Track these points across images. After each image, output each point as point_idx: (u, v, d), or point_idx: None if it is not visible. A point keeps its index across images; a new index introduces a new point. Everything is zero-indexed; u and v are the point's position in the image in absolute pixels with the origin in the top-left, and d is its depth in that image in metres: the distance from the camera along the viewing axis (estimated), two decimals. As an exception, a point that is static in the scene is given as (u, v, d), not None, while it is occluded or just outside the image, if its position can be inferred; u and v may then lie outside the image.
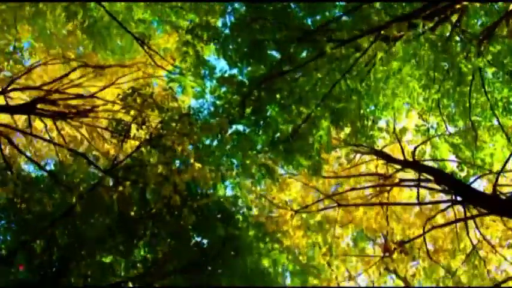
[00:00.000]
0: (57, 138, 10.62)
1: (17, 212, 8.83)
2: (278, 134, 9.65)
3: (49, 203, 8.65)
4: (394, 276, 9.72)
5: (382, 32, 7.37)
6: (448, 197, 8.29)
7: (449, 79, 9.95)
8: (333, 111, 9.52)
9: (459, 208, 9.27)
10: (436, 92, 10.39)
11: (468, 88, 9.17)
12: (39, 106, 9.35)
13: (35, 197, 8.89)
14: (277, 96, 9.76)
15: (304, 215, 7.92)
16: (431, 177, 7.92)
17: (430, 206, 9.25)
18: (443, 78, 10.04)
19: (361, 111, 10.30)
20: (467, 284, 10.21)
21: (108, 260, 8.46)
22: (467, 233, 8.25)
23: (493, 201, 6.83)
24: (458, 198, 7.90)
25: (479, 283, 10.67)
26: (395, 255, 7.84)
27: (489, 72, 10.27)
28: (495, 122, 10.18)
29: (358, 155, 12.07)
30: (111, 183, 8.88)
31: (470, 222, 9.90)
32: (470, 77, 9.45)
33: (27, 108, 8.70)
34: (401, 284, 13.16)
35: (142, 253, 8.82)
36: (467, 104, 9.39)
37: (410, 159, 9.41)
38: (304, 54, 8.97)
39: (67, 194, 8.84)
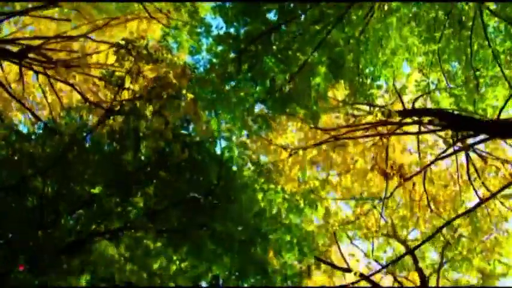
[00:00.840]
0: (49, 92, 10.46)
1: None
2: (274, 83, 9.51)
3: (41, 154, 8.50)
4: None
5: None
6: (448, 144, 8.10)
7: (449, 27, 9.77)
8: (331, 58, 9.33)
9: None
10: (436, 43, 10.19)
11: (469, 32, 8.96)
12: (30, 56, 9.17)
13: (24, 147, 8.72)
14: (274, 47, 9.61)
15: (300, 152, 7.74)
16: (433, 118, 7.70)
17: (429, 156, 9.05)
18: (443, 28, 9.87)
19: (360, 67, 10.15)
20: (468, 237, 10.06)
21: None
22: (469, 178, 8.05)
23: (495, 125, 6.67)
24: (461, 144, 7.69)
25: (481, 237, 10.52)
26: (394, 180, 7.66)
27: (491, 25, 10.12)
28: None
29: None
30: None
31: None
32: (470, 23, 9.27)
33: (18, 55, 8.51)
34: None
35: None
36: (468, 50, 9.19)
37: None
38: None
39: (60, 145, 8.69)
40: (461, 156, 8.55)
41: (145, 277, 6.15)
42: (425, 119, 7.66)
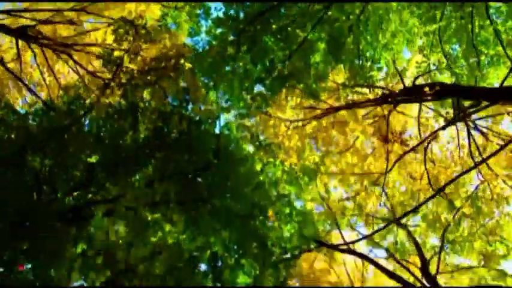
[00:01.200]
0: (48, 73, 10.40)
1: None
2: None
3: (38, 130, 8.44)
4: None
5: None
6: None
7: (450, 6, 9.68)
8: (330, 36, 9.26)
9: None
10: (436, 22, 10.11)
11: (470, 8, 8.86)
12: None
13: (22, 124, 8.66)
14: (273, 26, 9.55)
15: (300, 124, 7.66)
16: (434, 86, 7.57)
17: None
18: (444, 7, 9.78)
19: (360, 49, 10.07)
20: (470, 216, 9.97)
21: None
22: (471, 155, 7.96)
23: (497, 91, 6.57)
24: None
25: (484, 218, 10.43)
26: (396, 146, 7.56)
27: (492, 6, 10.01)
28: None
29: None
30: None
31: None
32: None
33: (16, 31, 8.43)
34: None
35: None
36: (470, 27, 9.09)
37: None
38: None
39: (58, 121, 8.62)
40: (463, 134, 8.45)
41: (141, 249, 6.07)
42: (426, 89, 7.53)
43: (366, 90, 9.95)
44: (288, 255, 6.69)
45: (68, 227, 5.74)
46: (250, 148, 7.40)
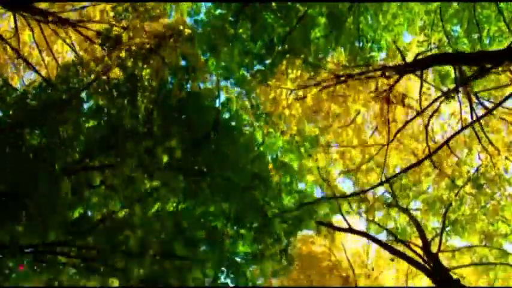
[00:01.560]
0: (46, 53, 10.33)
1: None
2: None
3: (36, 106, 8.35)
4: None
5: None
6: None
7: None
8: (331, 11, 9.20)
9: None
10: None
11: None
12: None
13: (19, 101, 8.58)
14: (273, 4, 9.49)
15: (300, 93, 7.59)
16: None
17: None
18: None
19: (360, 29, 10.01)
20: (472, 197, 9.90)
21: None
22: (473, 129, 7.87)
23: (502, 53, 6.48)
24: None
25: (485, 199, 10.37)
26: (397, 109, 7.49)
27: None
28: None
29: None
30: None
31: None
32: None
33: (11, 3, 8.32)
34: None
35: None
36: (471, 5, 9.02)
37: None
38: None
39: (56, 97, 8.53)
40: (466, 108, 8.35)
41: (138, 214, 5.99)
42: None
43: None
44: (289, 223, 6.60)
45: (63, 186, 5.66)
46: (250, 119, 7.33)
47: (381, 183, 8.17)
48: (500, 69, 7.08)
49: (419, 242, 11.56)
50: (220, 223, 6.99)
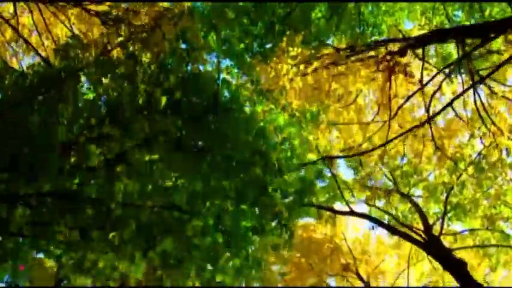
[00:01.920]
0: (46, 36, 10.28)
1: None
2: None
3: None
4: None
5: None
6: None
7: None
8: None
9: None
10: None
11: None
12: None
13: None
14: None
15: (301, 67, 7.53)
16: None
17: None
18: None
19: (361, 11, 9.97)
20: (475, 181, 9.83)
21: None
22: (477, 110, 7.80)
23: (506, 21, 6.41)
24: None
25: (488, 184, 10.31)
26: (399, 83, 7.42)
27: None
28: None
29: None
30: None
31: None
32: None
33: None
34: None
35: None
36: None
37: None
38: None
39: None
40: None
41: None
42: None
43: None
44: (290, 199, 6.55)
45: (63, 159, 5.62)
46: (250, 95, 7.28)
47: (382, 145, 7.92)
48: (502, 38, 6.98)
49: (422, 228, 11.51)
50: (220, 199, 6.94)
